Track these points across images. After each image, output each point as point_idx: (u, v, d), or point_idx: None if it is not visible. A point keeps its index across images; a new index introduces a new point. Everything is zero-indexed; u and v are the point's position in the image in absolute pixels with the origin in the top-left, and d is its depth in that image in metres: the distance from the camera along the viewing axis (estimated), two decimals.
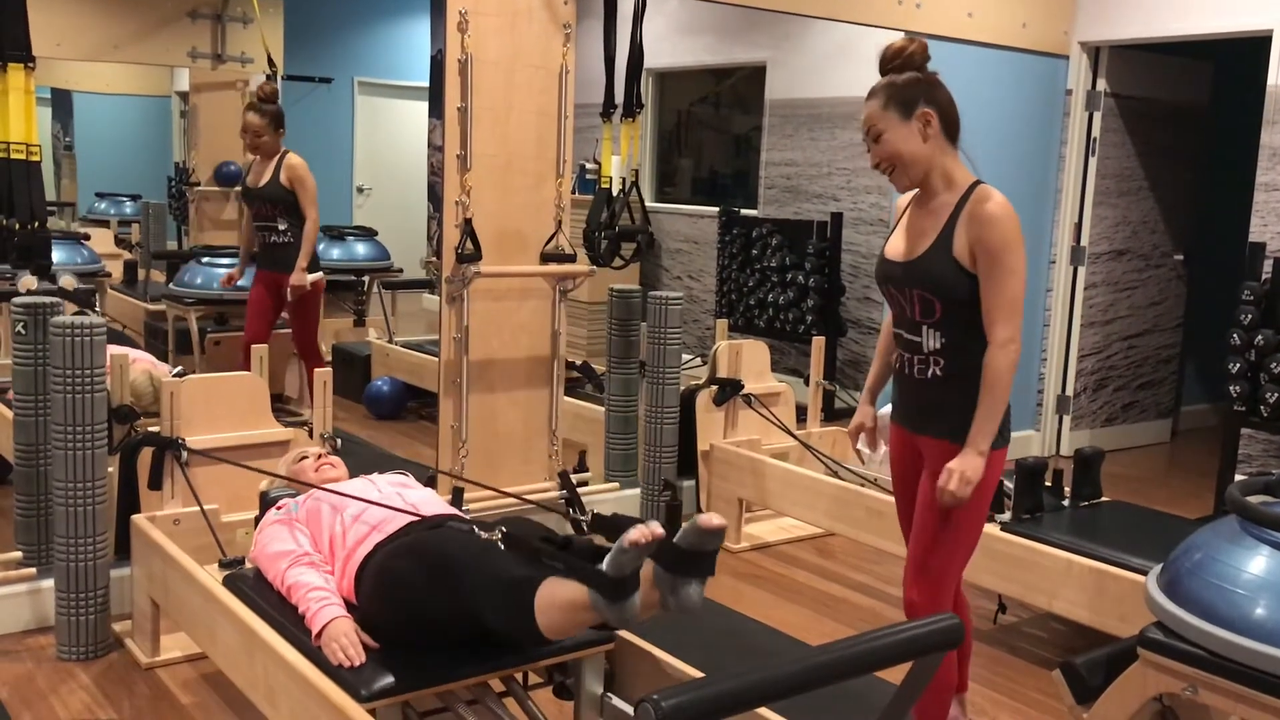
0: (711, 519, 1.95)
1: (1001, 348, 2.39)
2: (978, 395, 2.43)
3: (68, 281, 4.81)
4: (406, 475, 2.85)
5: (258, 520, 2.84)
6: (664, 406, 4.45)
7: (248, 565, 2.80)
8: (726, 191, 7.86)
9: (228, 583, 2.69)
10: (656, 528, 1.94)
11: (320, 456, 3.02)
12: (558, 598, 2.08)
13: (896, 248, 2.57)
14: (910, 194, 2.62)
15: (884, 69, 2.49)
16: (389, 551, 2.42)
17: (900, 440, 2.70)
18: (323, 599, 2.39)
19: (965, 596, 2.89)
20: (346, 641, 2.29)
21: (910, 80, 2.45)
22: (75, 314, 5.03)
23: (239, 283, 5.57)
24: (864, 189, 6.66)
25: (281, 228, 5.11)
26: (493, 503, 4.10)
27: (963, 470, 2.40)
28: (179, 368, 4.52)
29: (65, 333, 3.09)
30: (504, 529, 2.27)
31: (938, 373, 2.51)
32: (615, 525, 2.04)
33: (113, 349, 3.44)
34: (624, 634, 2.49)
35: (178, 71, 8.68)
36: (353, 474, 2.96)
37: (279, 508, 2.73)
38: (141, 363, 4.33)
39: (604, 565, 1.98)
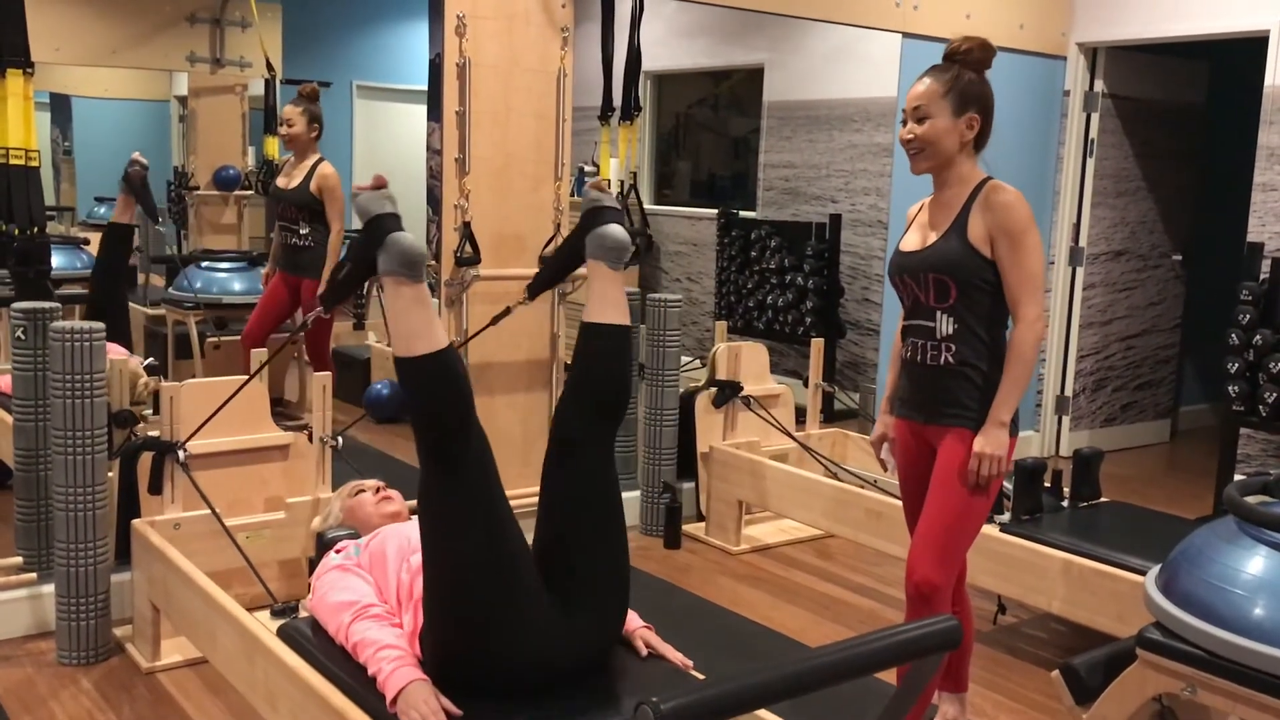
0: (597, 182, 2.43)
1: (1030, 325, 2.51)
2: (988, 384, 2.54)
3: (137, 170, 4.79)
4: None
5: (312, 565, 2.63)
6: (663, 408, 4.45)
7: (303, 614, 2.58)
8: (725, 193, 7.86)
9: (283, 634, 2.44)
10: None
11: (379, 490, 2.83)
12: (388, 322, 2.21)
13: (911, 242, 2.67)
14: (918, 203, 2.75)
15: (951, 56, 2.61)
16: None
17: (909, 434, 2.74)
18: (397, 659, 2.13)
19: (969, 598, 2.90)
20: (427, 710, 2.03)
21: (975, 81, 2.59)
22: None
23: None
24: (862, 190, 6.66)
25: (303, 232, 5.18)
26: None
27: (989, 448, 2.52)
28: (150, 359, 4.48)
29: (65, 338, 3.09)
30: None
31: (950, 359, 2.58)
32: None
33: (111, 350, 3.44)
34: None
35: (176, 76, 8.68)
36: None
37: (338, 550, 2.50)
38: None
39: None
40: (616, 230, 2.34)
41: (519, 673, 2.12)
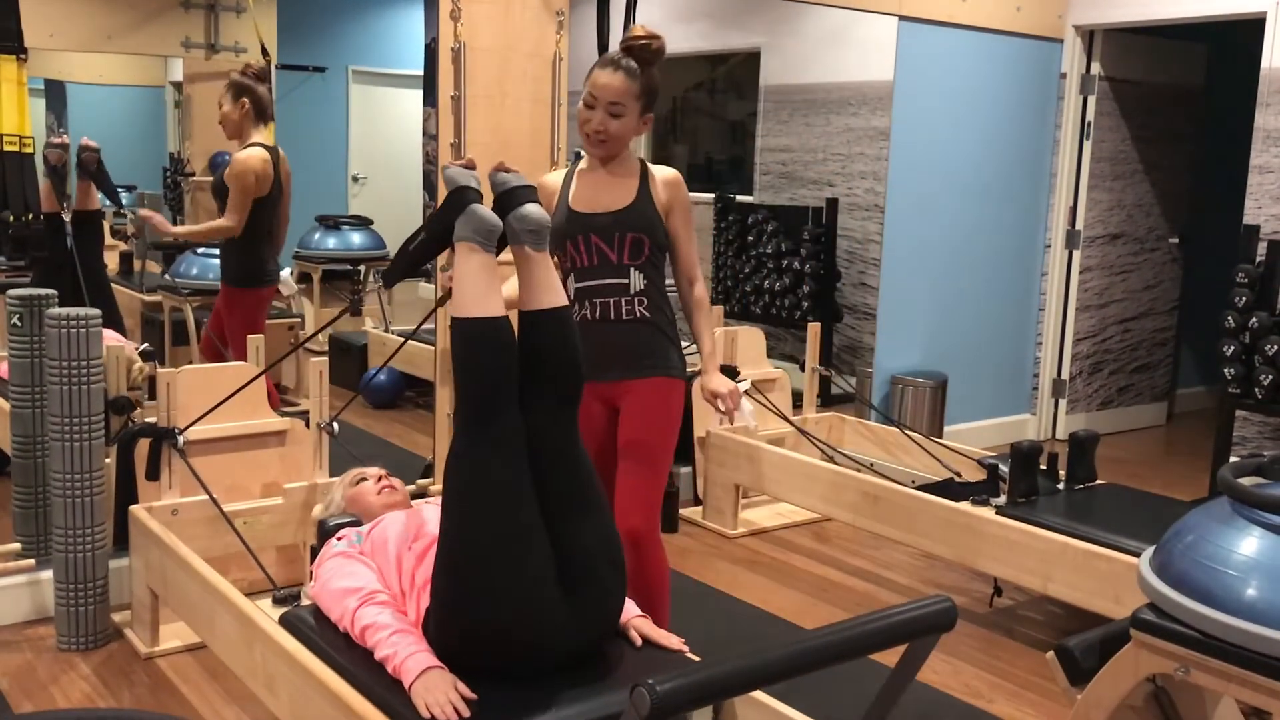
0: (501, 164, 2.35)
1: (705, 285, 2.98)
2: (670, 334, 2.89)
3: (89, 154, 4.37)
4: None
5: (314, 552, 2.60)
6: None
7: (304, 601, 2.57)
8: (722, 178, 7.85)
9: (284, 622, 2.43)
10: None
11: (381, 479, 2.77)
12: (453, 283, 2.23)
13: (591, 204, 2.85)
14: (559, 172, 3.01)
15: (633, 49, 2.82)
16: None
17: (593, 397, 2.80)
18: (412, 645, 2.12)
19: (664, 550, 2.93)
20: (445, 698, 2.00)
21: (656, 85, 2.89)
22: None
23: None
24: (859, 174, 6.65)
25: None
26: None
27: (724, 387, 2.88)
28: (145, 345, 4.43)
29: (61, 324, 3.09)
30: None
31: (643, 312, 2.85)
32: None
33: (108, 335, 3.44)
34: None
35: (171, 61, 8.65)
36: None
37: (339, 538, 2.46)
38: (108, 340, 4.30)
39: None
40: (536, 210, 2.28)
41: (518, 651, 2.11)
